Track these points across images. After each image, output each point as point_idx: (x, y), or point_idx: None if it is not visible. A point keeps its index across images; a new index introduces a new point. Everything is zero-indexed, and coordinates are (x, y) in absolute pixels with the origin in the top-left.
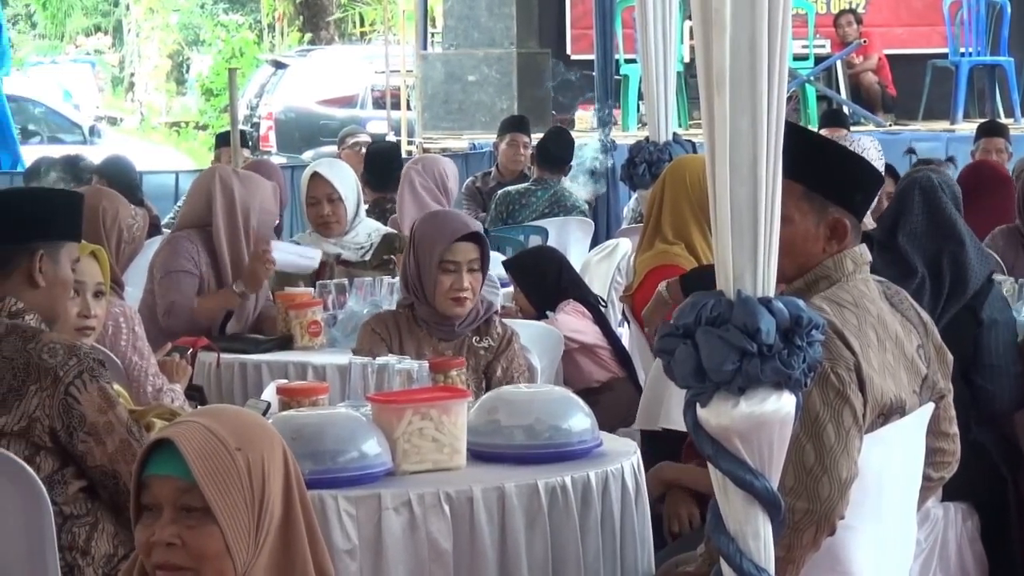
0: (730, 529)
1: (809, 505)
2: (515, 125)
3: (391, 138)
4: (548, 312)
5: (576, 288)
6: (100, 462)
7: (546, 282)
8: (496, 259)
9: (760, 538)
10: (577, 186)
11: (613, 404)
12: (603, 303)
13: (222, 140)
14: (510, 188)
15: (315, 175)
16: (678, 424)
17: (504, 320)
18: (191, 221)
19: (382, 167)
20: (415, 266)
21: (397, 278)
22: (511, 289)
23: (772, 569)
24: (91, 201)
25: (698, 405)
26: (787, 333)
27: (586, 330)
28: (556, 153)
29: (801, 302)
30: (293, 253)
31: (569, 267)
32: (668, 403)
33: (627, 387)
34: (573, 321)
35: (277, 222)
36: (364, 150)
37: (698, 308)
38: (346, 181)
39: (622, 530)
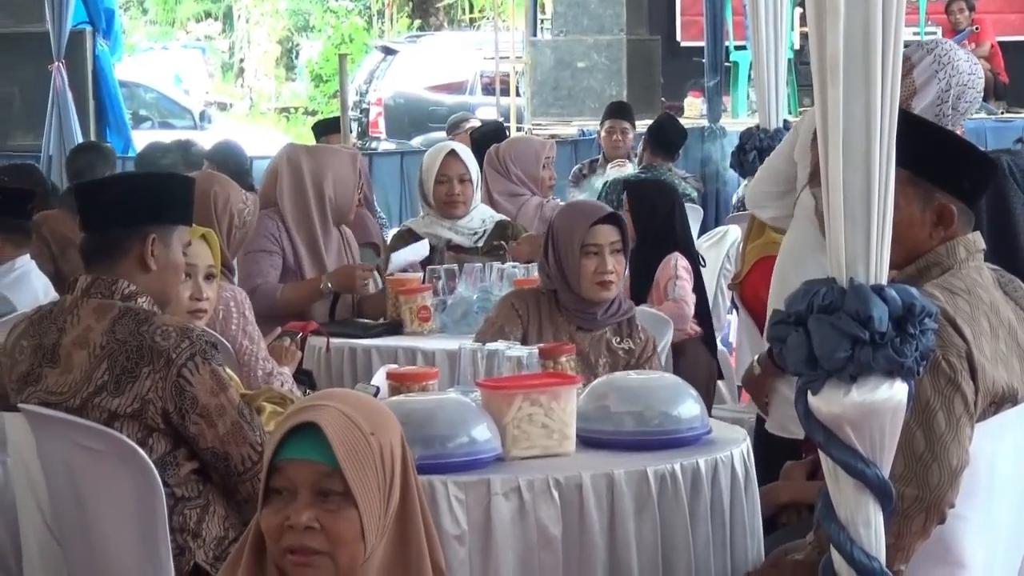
0: (841, 517)
1: (919, 492)
2: (615, 112)
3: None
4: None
5: (684, 232)
6: (211, 444)
7: (656, 213)
8: None
9: (871, 526)
10: None
11: (689, 367)
12: (702, 262)
13: (320, 130)
14: (620, 176)
15: (452, 153)
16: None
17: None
18: (266, 201)
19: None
20: (555, 257)
21: (507, 264)
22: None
23: (883, 557)
24: (203, 185)
25: (809, 393)
26: (900, 321)
27: (688, 292)
28: (665, 140)
29: (914, 290)
30: (406, 253)
31: (683, 210)
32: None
33: (701, 349)
34: (687, 286)
35: (361, 190)
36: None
37: (810, 295)
38: (473, 165)
39: (732, 518)
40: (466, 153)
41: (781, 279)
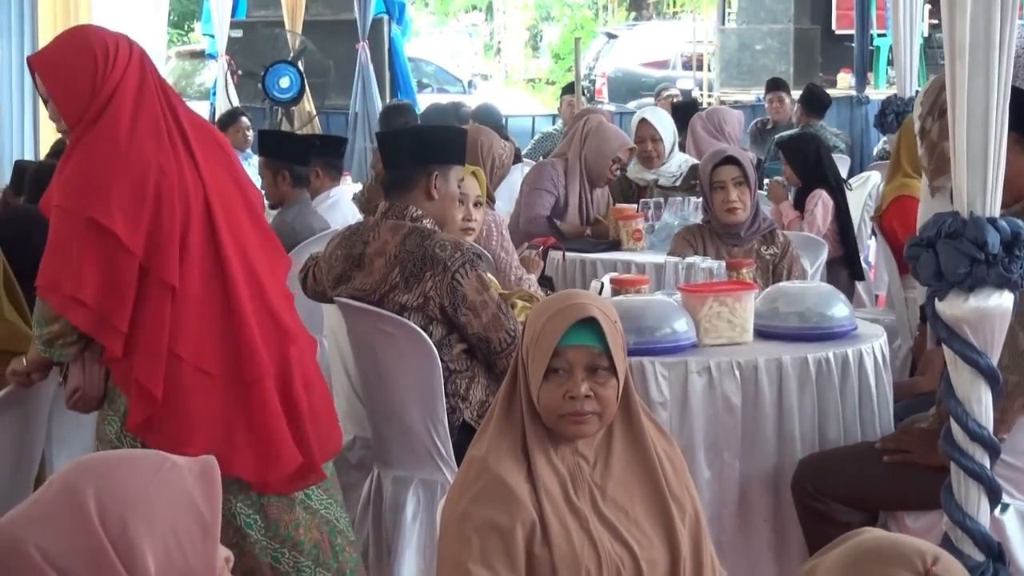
0: (959, 396)
1: (1020, 379)
2: (774, 85)
3: (696, 93)
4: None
5: (831, 168)
6: (476, 331)
7: (806, 157)
8: None
9: (982, 404)
10: None
11: (832, 281)
12: (849, 187)
13: (567, 90)
14: (784, 133)
15: (643, 120)
16: None
17: (784, 233)
18: (558, 152)
19: (682, 115)
20: (704, 195)
21: (701, 199)
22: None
23: (991, 427)
24: (473, 135)
25: (936, 299)
26: (1009, 245)
27: (813, 224)
28: (816, 102)
29: (1020, 221)
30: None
31: (827, 150)
32: None
33: (842, 268)
34: (816, 219)
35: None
36: (675, 100)
37: (939, 224)
38: (664, 124)
39: (874, 394)
40: (657, 117)
41: (919, 215)
